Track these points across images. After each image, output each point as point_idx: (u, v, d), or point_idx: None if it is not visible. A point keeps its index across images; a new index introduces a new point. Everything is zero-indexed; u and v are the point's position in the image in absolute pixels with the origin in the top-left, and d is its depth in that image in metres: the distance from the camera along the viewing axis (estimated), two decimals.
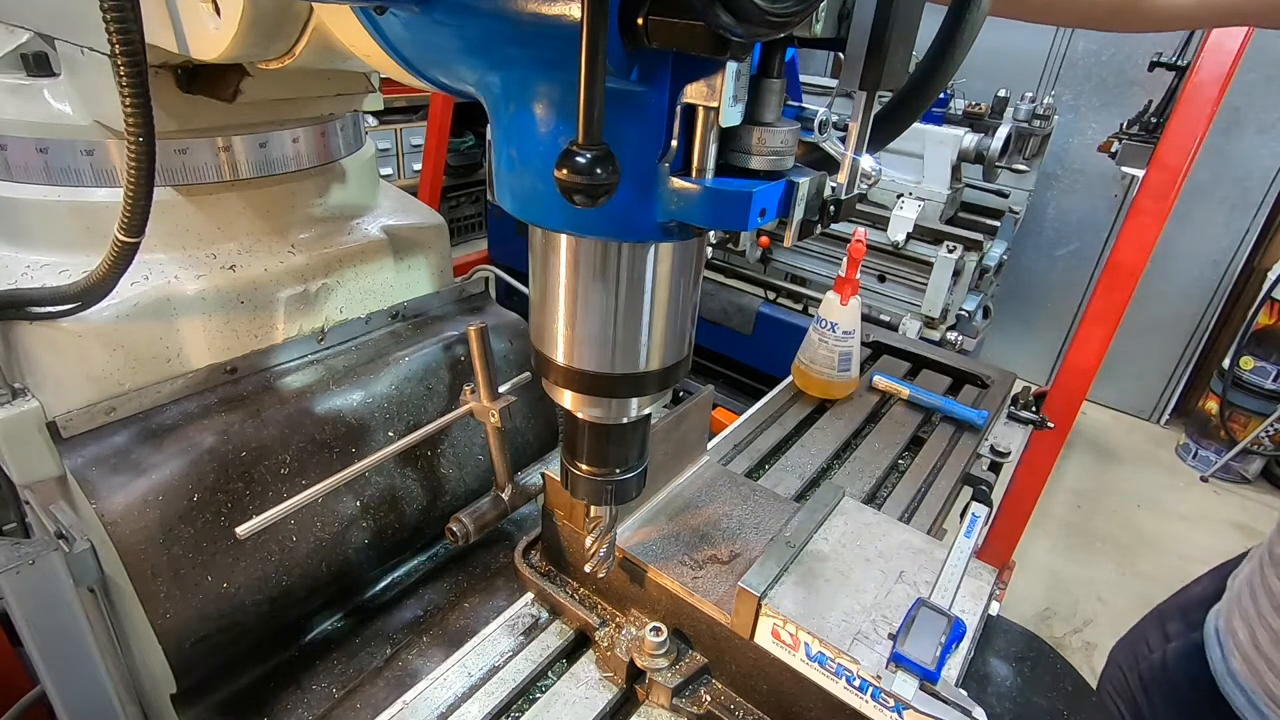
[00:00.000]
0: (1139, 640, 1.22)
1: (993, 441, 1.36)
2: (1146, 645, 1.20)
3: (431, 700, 0.82)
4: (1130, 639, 1.26)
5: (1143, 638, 1.22)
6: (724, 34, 0.39)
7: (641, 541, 0.90)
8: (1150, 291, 4.03)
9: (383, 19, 0.58)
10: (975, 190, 3.09)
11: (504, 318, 1.40)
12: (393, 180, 3.90)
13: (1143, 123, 3.10)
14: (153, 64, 0.74)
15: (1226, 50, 1.84)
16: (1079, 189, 4.25)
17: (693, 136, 0.48)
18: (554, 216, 0.54)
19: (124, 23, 0.65)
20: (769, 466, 1.26)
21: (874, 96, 0.50)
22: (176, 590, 0.93)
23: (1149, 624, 1.23)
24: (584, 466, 0.71)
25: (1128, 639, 1.27)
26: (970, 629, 0.76)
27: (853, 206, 0.56)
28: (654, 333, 0.60)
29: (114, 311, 0.96)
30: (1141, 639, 1.22)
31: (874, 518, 0.91)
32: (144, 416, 0.99)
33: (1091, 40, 4.00)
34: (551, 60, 0.47)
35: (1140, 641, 1.22)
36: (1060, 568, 3.22)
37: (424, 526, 1.22)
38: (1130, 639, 1.26)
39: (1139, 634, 1.24)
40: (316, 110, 1.13)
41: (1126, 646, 1.26)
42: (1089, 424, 4.37)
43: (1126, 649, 1.25)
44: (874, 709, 0.71)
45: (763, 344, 2.99)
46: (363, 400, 1.14)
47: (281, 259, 1.12)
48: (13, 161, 0.97)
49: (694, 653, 0.86)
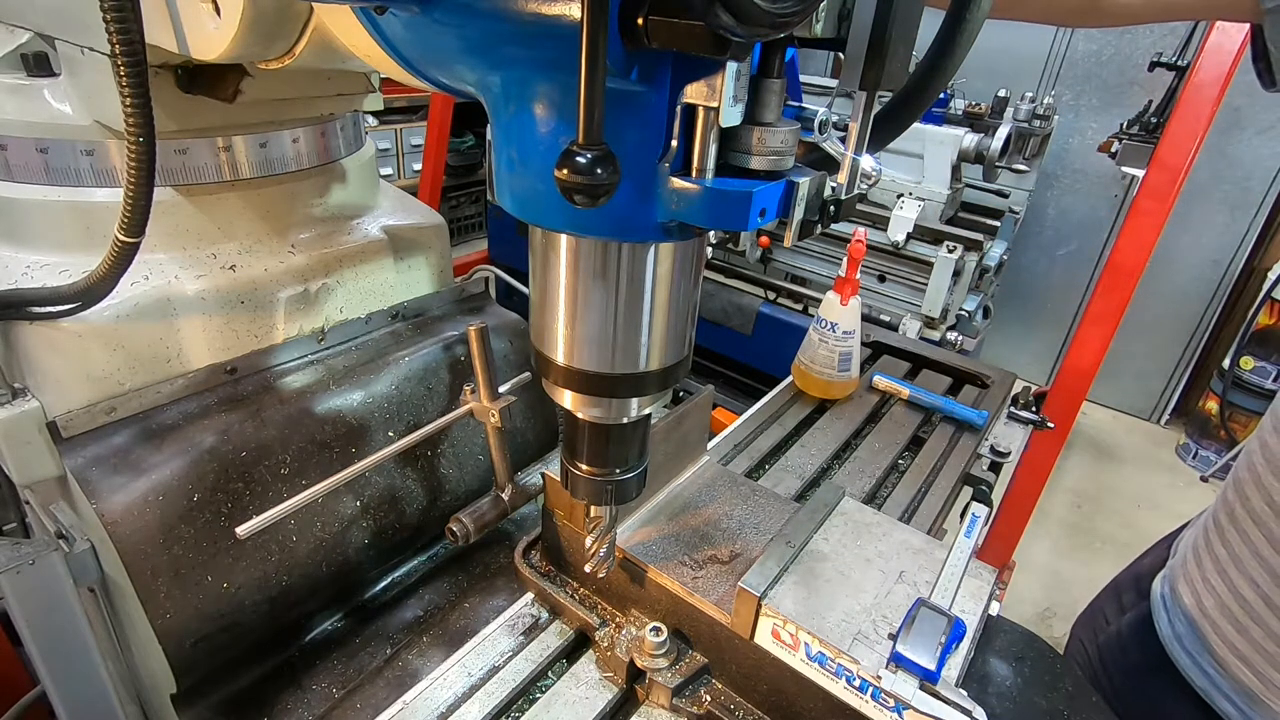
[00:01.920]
0: (1097, 614, 1.24)
1: (993, 441, 1.36)
2: (1104, 618, 1.22)
3: (431, 700, 0.82)
4: (1089, 613, 1.28)
5: (1100, 611, 1.24)
6: (724, 34, 0.39)
7: (641, 541, 0.90)
8: (1150, 291, 4.03)
9: (383, 19, 0.58)
10: (975, 190, 3.09)
11: (504, 318, 1.40)
12: (393, 180, 3.90)
13: (1143, 123, 3.10)
14: (153, 64, 0.74)
15: (1226, 50, 1.84)
16: (1079, 189, 4.25)
17: (693, 136, 0.48)
18: (554, 216, 0.54)
19: (124, 23, 0.65)
20: (769, 466, 1.26)
21: (874, 96, 0.50)
22: (176, 590, 0.93)
23: (1106, 597, 1.25)
24: (584, 467, 0.71)
25: (1087, 613, 1.29)
26: (970, 629, 0.76)
27: (853, 206, 0.56)
28: (654, 333, 0.60)
29: (114, 311, 0.96)
30: (1100, 612, 1.24)
31: (874, 518, 0.91)
32: (144, 416, 0.99)
33: (1092, 40, 4.01)
34: (551, 60, 0.47)
35: (1098, 615, 1.24)
36: (1060, 568, 3.22)
37: (424, 526, 1.22)
38: (1089, 613, 1.28)
39: (1097, 607, 1.25)
40: (316, 110, 1.13)
41: (1086, 620, 1.28)
42: (1089, 424, 4.37)
43: (1086, 623, 1.27)
44: (874, 709, 0.71)
45: (763, 344, 2.99)
46: (363, 400, 1.14)
47: (281, 259, 1.12)
48: (13, 161, 0.97)
49: (694, 653, 0.86)
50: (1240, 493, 0.94)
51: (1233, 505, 0.95)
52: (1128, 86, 3.95)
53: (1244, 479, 0.94)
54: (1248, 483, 0.93)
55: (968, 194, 3.08)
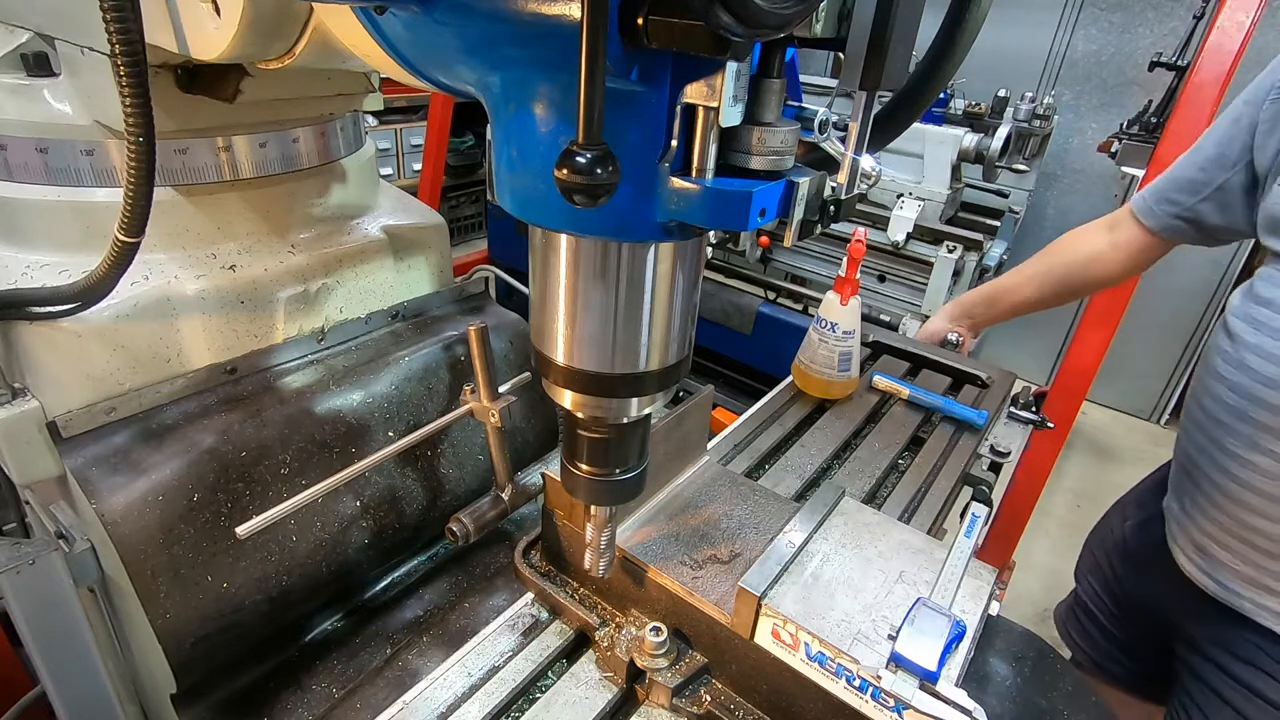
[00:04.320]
0: (1105, 527, 1.62)
1: (993, 441, 1.36)
2: (1110, 530, 1.58)
3: (431, 700, 0.82)
4: (1098, 529, 1.66)
5: (1108, 525, 1.61)
6: (724, 34, 0.39)
7: (641, 541, 0.90)
8: (1150, 291, 4.02)
9: (383, 19, 0.58)
10: (975, 190, 3.09)
11: (504, 318, 1.40)
12: (393, 180, 3.90)
13: (1143, 123, 3.09)
14: (153, 64, 0.74)
15: (1226, 50, 1.83)
16: (1079, 189, 4.25)
17: (693, 136, 0.48)
18: (554, 216, 0.54)
19: (124, 23, 0.65)
20: (769, 466, 1.26)
21: (874, 96, 0.51)
22: (176, 590, 0.93)
23: (1112, 514, 1.62)
24: (584, 467, 0.71)
25: (1096, 529, 1.67)
26: (970, 629, 0.76)
27: (853, 206, 0.56)
28: (654, 333, 0.60)
29: (114, 311, 0.96)
30: (1107, 526, 1.61)
31: (874, 517, 0.91)
32: (144, 416, 0.99)
33: (1091, 40, 4.01)
34: (551, 60, 0.47)
35: (1105, 528, 1.61)
36: (1060, 568, 3.22)
37: (424, 526, 1.22)
38: (1098, 529, 1.66)
39: (1105, 523, 1.64)
40: (316, 110, 1.13)
41: (1096, 534, 1.66)
42: (1089, 424, 4.37)
43: (1096, 536, 1.66)
44: (874, 709, 0.71)
45: (762, 344, 2.99)
46: (363, 400, 1.14)
47: (281, 259, 1.12)
48: (13, 161, 0.97)
49: (694, 653, 0.86)
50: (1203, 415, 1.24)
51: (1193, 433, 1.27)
52: (1128, 86, 3.95)
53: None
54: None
55: (968, 194, 3.08)
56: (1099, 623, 1.58)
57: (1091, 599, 1.60)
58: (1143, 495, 1.53)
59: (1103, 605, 1.57)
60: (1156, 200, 1.36)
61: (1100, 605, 1.58)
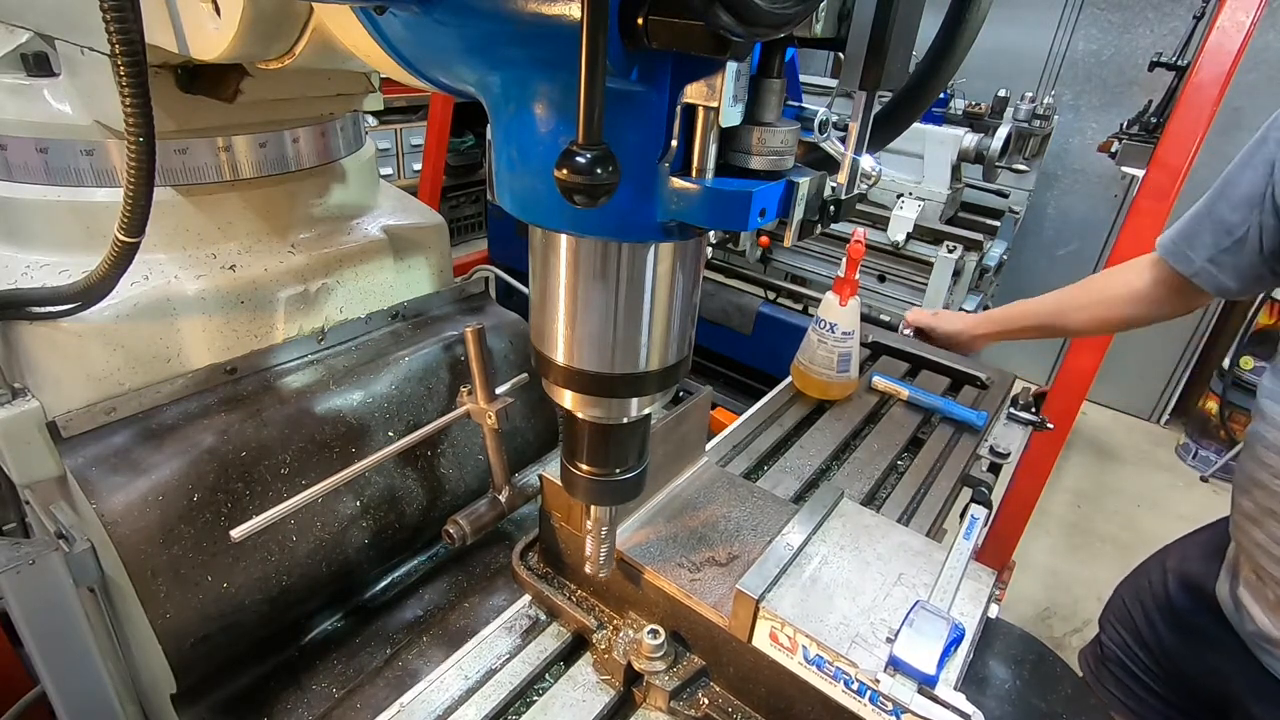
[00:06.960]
0: (1141, 578, 1.52)
1: (992, 442, 1.36)
2: (1148, 583, 1.48)
3: (428, 703, 0.82)
4: (1133, 577, 1.56)
5: (1145, 575, 1.51)
6: (724, 34, 0.39)
7: (639, 543, 0.89)
8: None
9: (383, 19, 0.57)
10: (975, 190, 3.09)
11: (504, 318, 1.40)
12: (393, 180, 3.90)
13: (1143, 123, 3.09)
14: (153, 64, 0.74)
15: (1226, 50, 1.83)
16: (1079, 189, 4.25)
17: (693, 136, 0.48)
18: (554, 216, 0.54)
19: (124, 23, 0.65)
20: (768, 467, 1.26)
21: (874, 96, 0.51)
22: (176, 590, 0.93)
23: (1151, 565, 1.52)
24: (584, 467, 0.71)
25: (1130, 578, 1.57)
26: (969, 632, 0.76)
27: (853, 206, 0.56)
28: (654, 333, 0.60)
29: (114, 311, 0.96)
30: (1144, 577, 1.51)
31: (873, 519, 0.90)
32: (144, 416, 0.99)
33: (1091, 40, 4.01)
34: (551, 60, 0.47)
35: (1142, 579, 1.52)
36: (1060, 568, 3.22)
37: (424, 527, 1.22)
38: (1133, 577, 1.56)
39: (1141, 572, 1.54)
40: (316, 110, 1.13)
41: (1130, 582, 1.56)
42: (1089, 424, 4.37)
43: (1130, 585, 1.56)
44: (872, 712, 0.70)
45: (762, 344, 2.99)
46: (363, 400, 1.14)
47: (281, 259, 1.12)
48: (13, 161, 0.97)
49: (692, 655, 0.86)
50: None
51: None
52: (1128, 86, 3.94)
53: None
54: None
55: (968, 194, 3.07)
56: (1142, 681, 1.48)
57: (1124, 652, 1.51)
58: (1188, 557, 1.44)
59: (1140, 662, 1.48)
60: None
61: (1137, 662, 1.48)
